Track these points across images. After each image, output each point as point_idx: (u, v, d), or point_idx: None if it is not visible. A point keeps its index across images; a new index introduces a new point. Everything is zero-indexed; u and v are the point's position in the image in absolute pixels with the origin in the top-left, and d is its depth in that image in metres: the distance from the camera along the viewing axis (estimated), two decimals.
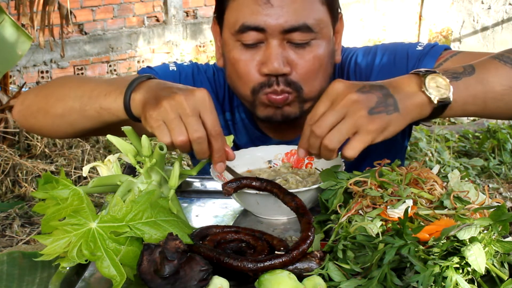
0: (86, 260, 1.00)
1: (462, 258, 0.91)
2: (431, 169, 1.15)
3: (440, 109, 1.12)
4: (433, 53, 1.42)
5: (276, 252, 1.02)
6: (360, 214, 1.06)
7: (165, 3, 6.47)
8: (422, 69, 1.15)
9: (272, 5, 1.30)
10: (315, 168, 1.38)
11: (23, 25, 4.18)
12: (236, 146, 1.55)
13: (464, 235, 0.92)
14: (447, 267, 0.90)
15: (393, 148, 1.55)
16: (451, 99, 1.12)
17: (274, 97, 1.37)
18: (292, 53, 1.35)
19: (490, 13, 5.60)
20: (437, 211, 1.03)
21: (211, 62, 1.63)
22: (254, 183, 1.18)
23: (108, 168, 1.26)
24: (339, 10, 1.44)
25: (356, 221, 1.04)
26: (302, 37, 1.33)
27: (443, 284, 0.89)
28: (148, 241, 1.00)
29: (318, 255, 1.01)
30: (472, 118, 5.24)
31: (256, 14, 1.31)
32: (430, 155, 4.40)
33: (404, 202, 1.03)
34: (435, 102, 1.11)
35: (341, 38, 1.48)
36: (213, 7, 1.48)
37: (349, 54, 1.54)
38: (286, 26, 1.31)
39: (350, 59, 1.53)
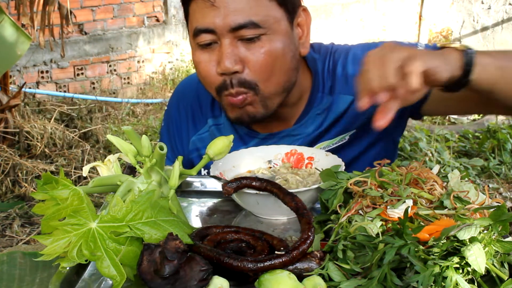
0: (86, 260, 1.00)
1: (462, 258, 0.91)
2: (431, 169, 1.15)
3: (468, 66, 1.16)
4: None
5: (276, 252, 1.02)
6: (360, 214, 1.06)
7: (165, 3, 6.47)
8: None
9: (217, 7, 1.35)
10: (315, 168, 1.39)
11: (23, 25, 4.18)
12: None
13: (464, 235, 0.92)
14: (447, 267, 0.90)
15: (382, 141, 1.58)
16: (474, 51, 1.16)
17: (232, 98, 1.41)
18: (244, 50, 1.38)
19: (490, 13, 5.60)
20: (437, 211, 1.03)
21: None
22: (254, 183, 1.18)
23: (108, 168, 1.26)
24: (300, 2, 1.47)
25: (356, 221, 1.04)
26: (251, 33, 1.37)
27: (443, 284, 0.89)
28: (148, 241, 1.00)
29: (318, 255, 1.01)
30: (472, 118, 5.24)
31: (205, 17, 1.37)
32: (430, 155, 4.40)
33: (404, 202, 1.03)
34: (461, 49, 1.16)
35: (309, 29, 1.50)
36: None
37: (343, 50, 1.57)
38: (233, 24, 1.35)
39: (347, 53, 1.55)
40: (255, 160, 1.44)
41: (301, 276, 0.98)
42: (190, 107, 1.68)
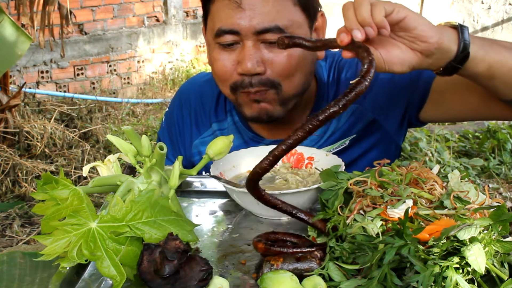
0: (86, 260, 1.00)
1: (462, 258, 0.91)
2: (431, 169, 1.15)
3: (465, 40, 1.12)
4: None
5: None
6: (360, 214, 1.05)
7: (165, 3, 6.47)
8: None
9: (244, 9, 1.35)
10: (315, 168, 1.38)
11: (23, 25, 4.19)
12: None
13: (464, 235, 0.92)
14: (447, 267, 0.90)
15: (382, 144, 1.58)
16: (470, 39, 1.12)
17: (251, 94, 1.42)
18: (267, 52, 1.39)
19: (490, 13, 5.61)
20: (437, 211, 1.03)
21: None
22: (306, 43, 1.14)
23: (108, 168, 1.26)
24: (318, 8, 1.47)
25: (356, 220, 1.04)
26: (275, 37, 1.37)
27: (443, 284, 0.89)
28: (148, 241, 1.00)
29: (318, 255, 1.01)
30: None
31: (230, 18, 1.37)
32: (430, 155, 4.40)
33: (404, 202, 1.03)
34: (459, 27, 1.13)
35: (324, 34, 1.51)
36: None
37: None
38: (258, 27, 1.36)
39: (352, 61, 1.56)
40: (255, 160, 1.43)
41: (301, 276, 0.98)
42: (193, 111, 1.67)
